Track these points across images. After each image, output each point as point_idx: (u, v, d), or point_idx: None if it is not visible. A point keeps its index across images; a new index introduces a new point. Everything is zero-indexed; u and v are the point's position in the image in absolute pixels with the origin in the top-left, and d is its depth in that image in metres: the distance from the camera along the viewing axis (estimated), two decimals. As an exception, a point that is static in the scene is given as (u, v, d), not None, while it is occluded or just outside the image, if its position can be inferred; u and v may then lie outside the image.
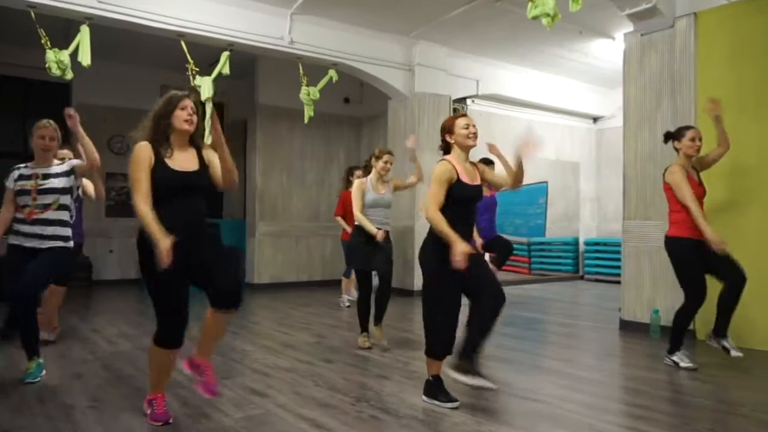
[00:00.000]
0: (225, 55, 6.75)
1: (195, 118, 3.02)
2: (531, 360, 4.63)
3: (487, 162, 5.30)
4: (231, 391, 3.65)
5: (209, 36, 6.75)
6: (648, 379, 4.05)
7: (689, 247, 4.27)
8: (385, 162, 5.10)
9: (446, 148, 3.56)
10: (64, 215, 4.02)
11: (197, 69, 6.55)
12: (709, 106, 4.58)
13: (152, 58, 9.24)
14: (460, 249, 3.18)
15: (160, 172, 2.92)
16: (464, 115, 3.55)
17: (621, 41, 6.31)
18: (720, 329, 4.33)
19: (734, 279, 4.22)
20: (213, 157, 3.10)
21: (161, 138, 2.98)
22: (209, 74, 6.60)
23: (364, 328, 5.07)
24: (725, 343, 4.30)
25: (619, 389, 3.97)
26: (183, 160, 3.00)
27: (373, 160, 5.15)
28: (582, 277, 11.17)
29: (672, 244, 4.38)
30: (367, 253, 4.97)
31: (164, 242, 2.73)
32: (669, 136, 4.55)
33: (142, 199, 2.86)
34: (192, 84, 6.52)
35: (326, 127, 10.02)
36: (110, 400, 3.48)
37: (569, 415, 3.27)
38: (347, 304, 7.49)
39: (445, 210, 3.37)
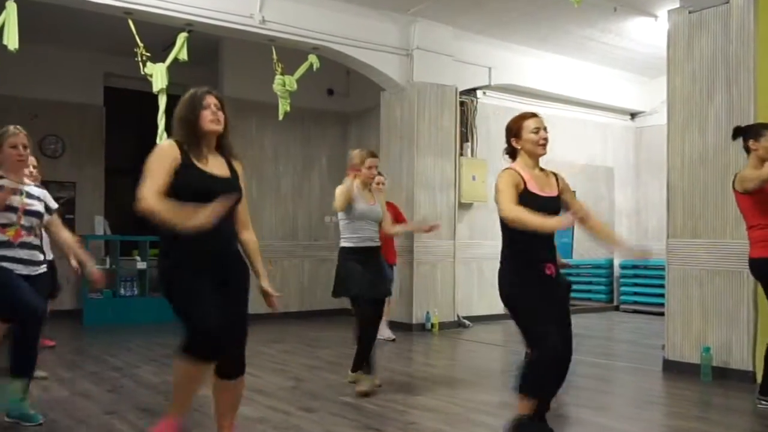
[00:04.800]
0: (182, 37, 6.78)
1: (221, 114, 3.07)
2: (556, 408, 4.63)
3: None
4: (188, 447, 3.64)
5: (163, 14, 6.75)
6: (698, 431, 4.06)
7: None
8: (369, 167, 5.09)
9: (512, 153, 3.68)
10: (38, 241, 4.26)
11: (148, 54, 6.56)
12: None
13: (94, 41, 9.28)
14: (556, 223, 3.31)
15: (189, 171, 2.95)
16: (534, 115, 3.62)
17: (664, 20, 6.38)
18: (763, 386, 4.38)
19: None
20: (240, 169, 3.25)
21: (191, 143, 3.03)
22: (163, 61, 6.63)
23: (360, 367, 4.99)
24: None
25: (664, 444, 3.98)
26: (215, 167, 3.08)
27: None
28: (617, 308, 11.20)
29: (759, 267, 4.40)
30: (364, 274, 4.94)
31: (203, 212, 2.73)
32: (740, 132, 4.54)
33: (152, 190, 2.80)
34: (142, 72, 6.55)
35: (305, 125, 10.06)
36: (39, 458, 3.46)
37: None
38: (391, 337, 7.60)
39: (512, 230, 3.42)
